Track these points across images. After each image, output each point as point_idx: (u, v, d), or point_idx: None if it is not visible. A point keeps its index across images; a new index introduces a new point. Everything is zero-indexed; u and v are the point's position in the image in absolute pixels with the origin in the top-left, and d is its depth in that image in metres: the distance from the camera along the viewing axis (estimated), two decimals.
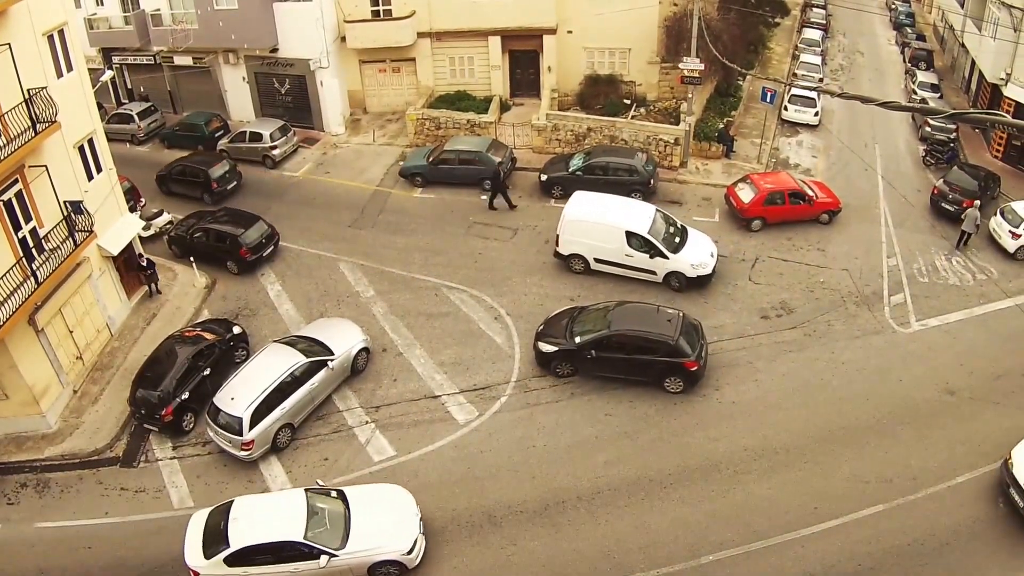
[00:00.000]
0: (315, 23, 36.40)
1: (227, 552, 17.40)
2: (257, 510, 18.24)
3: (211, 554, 17.57)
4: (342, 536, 17.89)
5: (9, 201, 20.80)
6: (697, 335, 22.94)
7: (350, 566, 17.82)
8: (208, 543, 17.79)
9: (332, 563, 17.58)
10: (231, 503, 18.51)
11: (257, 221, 29.18)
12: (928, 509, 19.06)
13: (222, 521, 18.00)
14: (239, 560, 17.46)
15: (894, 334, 24.82)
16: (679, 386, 22.50)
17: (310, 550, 17.46)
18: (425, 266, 28.63)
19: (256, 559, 17.52)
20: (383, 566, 17.92)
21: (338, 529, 17.99)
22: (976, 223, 28.40)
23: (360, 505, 18.64)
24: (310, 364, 22.16)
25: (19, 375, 21.44)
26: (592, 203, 27.68)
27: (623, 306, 23.71)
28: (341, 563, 17.69)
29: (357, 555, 17.76)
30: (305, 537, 17.51)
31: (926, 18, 61.95)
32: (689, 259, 26.45)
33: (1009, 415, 21.37)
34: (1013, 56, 34.45)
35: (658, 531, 18.83)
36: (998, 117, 9.59)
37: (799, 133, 38.54)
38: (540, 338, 23.61)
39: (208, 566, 17.54)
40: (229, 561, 17.43)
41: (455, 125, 36.49)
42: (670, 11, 37.24)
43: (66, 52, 23.25)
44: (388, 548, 17.88)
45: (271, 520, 17.91)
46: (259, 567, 17.56)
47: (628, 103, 38.11)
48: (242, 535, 17.54)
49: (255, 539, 17.51)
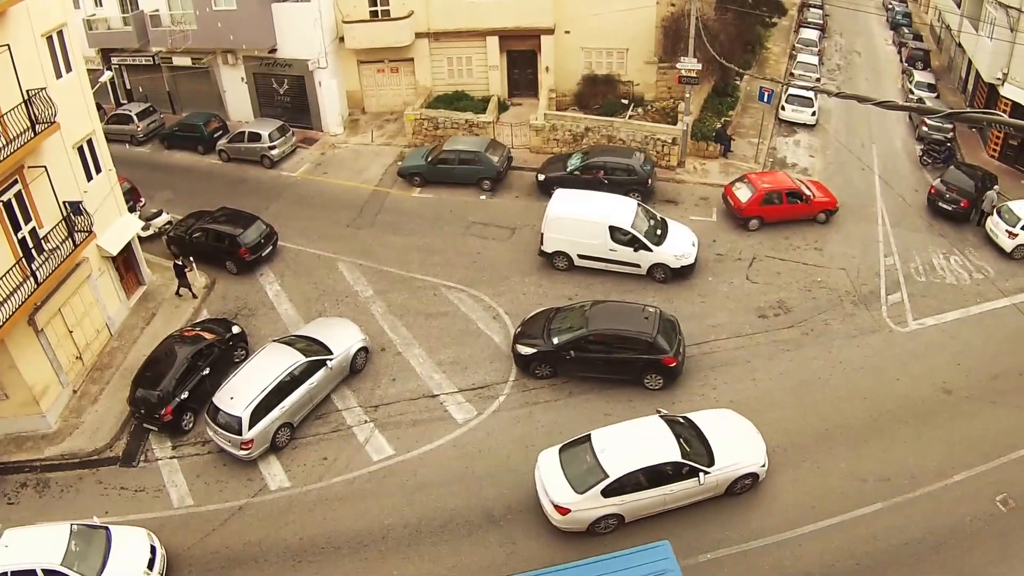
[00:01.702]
0: (313, 23, 36.46)
1: (607, 483, 17.95)
2: (620, 439, 18.85)
3: (585, 488, 17.99)
4: (707, 456, 18.80)
5: (9, 202, 20.85)
6: (674, 331, 23.07)
7: (718, 482, 18.78)
8: (577, 478, 18.21)
9: (706, 480, 18.49)
10: (587, 437, 19.09)
11: (256, 221, 29.24)
12: (926, 507, 19.13)
13: (587, 455, 18.49)
14: (615, 490, 18.00)
15: (891, 333, 24.90)
16: (659, 383, 22.64)
17: (689, 470, 18.30)
18: (423, 265, 28.69)
19: (631, 486, 18.10)
20: (743, 479, 19.06)
21: (703, 449, 18.99)
22: (993, 203, 29.90)
23: (710, 429, 19.71)
24: (309, 363, 22.21)
25: (19, 375, 21.47)
26: (575, 200, 27.89)
27: (599, 305, 23.82)
28: (712, 480, 18.64)
29: (725, 471, 18.80)
30: (684, 457, 18.34)
31: (923, 18, 62.08)
32: (672, 250, 26.83)
33: (1006, 414, 21.45)
34: (1010, 56, 34.56)
35: (657, 529, 18.85)
36: (995, 116, 9.66)
37: (796, 133, 38.66)
38: (518, 341, 23.64)
39: (582, 500, 17.99)
40: (606, 492, 17.96)
41: (453, 125, 36.57)
42: (667, 11, 37.35)
43: (65, 53, 23.27)
44: (747, 462, 19.12)
45: (643, 446, 18.62)
46: (634, 493, 18.15)
47: (626, 103, 38.22)
48: (619, 464, 18.15)
49: (634, 465, 18.13)
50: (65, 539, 17.84)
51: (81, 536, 18.10)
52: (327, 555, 18.76)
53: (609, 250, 26.95)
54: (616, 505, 18.12)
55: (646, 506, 18.42)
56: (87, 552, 17.85)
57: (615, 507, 18.14)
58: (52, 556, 17.43)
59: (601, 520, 18.24)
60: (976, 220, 30.28)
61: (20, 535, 18.07)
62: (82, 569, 17.47)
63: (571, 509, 17.98)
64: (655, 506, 18.53)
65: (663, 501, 18.49)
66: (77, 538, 17.98)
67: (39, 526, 18.68)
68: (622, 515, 18.34)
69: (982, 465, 20.08)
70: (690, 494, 18.63)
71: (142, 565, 17.93)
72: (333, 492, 20.36)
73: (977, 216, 30.24)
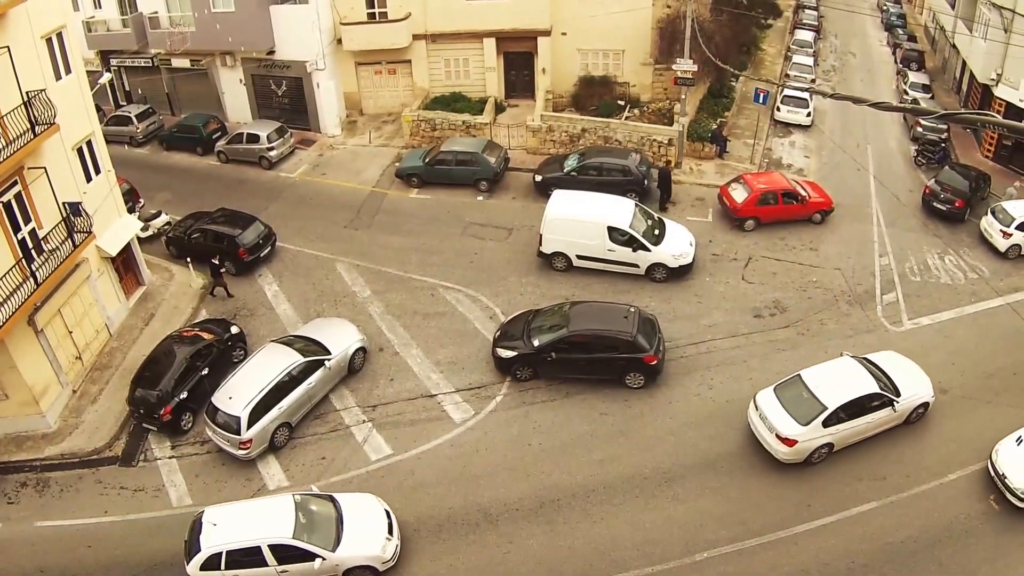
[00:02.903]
0: (311, 25, 36.56)
1: (826, 414, 19.80)
2: (826, 377, 20.68)
3: (807, 420, 19.73)
4: (894, 389, 20.92)
5: (8, 203, 20.93)
6: (654, 330, 23.20)
7: (903, 410, 20.90)
8: (799, 412, 19.95)
9: (897, 409, 20.65)
10: (798, 376, 20.90)
11: (254, 222, 29.33)
12: (921, 506, 19.27)
13: (804, 391, 20.38)
14: (831, 420, 19.83)
15: (886, 333, 25.04)
16: (640, 381, 22.80)
17: (885, 401, 20.39)
18: (421, 266, 28.80)
19: (843, 417, 19.99)
20: (918, 408, 21.17)
21: (890, 383, 21.01)
22: (1011, 197, 30.82)
23: (888, 367, 21.61)
24: (307, 363, 22.31)
25: (19, 375, 21.54)
26: (573, 201, 28.00)
27: (578, 306, 23.95)
28: (901, 408, 20.77)
29: (908, 400, 20.94)
30: (882, 390, 20.37)
31: (917, 19, 62.33)
32: (671, 250, 26.98)
33: (1000, 413, 21.56)
34: (1003, 57, 34.71)
35: (653, 529, 19.01)
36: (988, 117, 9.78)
37: (792, 133, 38.82)
38: (497, 344, 23.68)
39: (806, 431, 19.73)
40: (825, 422, 19.79)
41: (451, 126, 36.69)
42: (663, 13, 37.49)
43: (64, 55, 23.34)
44: (923, 393, 21.32)
45: (845, 382, 20.48)
46: (844, 423, 20.03)
47: (622, 104, 38.37)
48: (834, 396, 20.01)
49: (845, 397, 20.02)
50: (291, 510, 17.93)
51: (306, 506, 18.24)
52: None
53: (607, 250, 27.06)
54: (831, 435, 19.99)
55: (851, 435, 20.38)
56: (317, 523, 17.94)
57: (830, 436, 20.00)
58: (282, 530, 17.47)
59: (817, 450, 20.01)
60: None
61: (226, 511, 18.18)
62: (315, 541, 17.57)
63: (797, 440, 19.71)
64: (858, 434, 20.51)
65: (865, 429, 20.48)
66: (302, 509, 18.10)
67: (247, 501, 18.91)
68: (833, 444, 20.15)
69: (976, 464, 20.23)
70: (884, 421, 20.65)
71: (383, 531, 18.20)
72: (332, 492, 20.43)
73: None
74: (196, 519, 18.29)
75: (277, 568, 17.54)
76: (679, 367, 23.73)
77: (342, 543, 17.89)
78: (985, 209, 29.97)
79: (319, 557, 17.58)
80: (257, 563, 17.44)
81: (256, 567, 17.46)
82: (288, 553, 17.46)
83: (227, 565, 17.36)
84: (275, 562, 17.47)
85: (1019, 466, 18.99)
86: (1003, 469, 19.18)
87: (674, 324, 25.32)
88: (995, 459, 19.55)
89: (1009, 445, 19.67)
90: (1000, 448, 19.72)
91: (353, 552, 17.87)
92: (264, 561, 17.43)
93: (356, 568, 17.93)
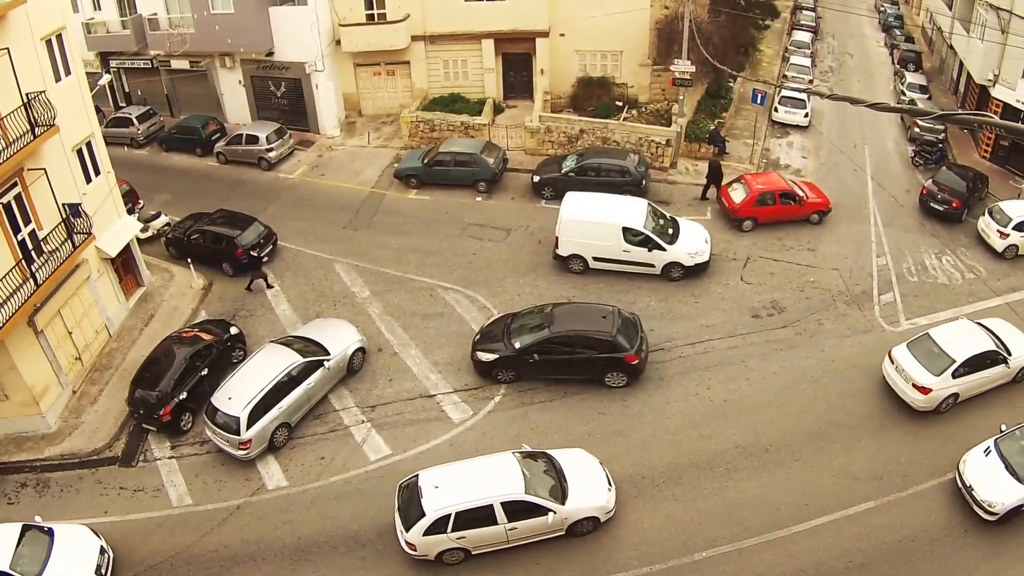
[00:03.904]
0: (310, 27, 36.62)
1: (954, 366, 21.14)
2: (952, 334, 22.12)
3: (940, 371, 21.18)
4: (1006, 350, 22.05)
5: (8, 204, 20.98)
6: (636, 329, 23.27)
7: (1013, 370, 22.19)
8: (932, 365, 21.31)
9: (1012, 365, 22.06)
10: (927, 334, 22.30)
11: (253, 222, 29.38)
12: (918, 506, 19.33)
13: (933, 347, 21.75)
14: (960, 372, 21.32)
15: (884, 332, 25.11)
16: (622, 380, 22.88)
17: (1001, 359, 21.73)
18: (420, 267, 28.86)
19: (968, 369, 21.41)
20: (1020, 371, 22.48)
21: (1003, 345, 22.17)
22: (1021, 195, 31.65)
23: (1004, 333, 22.65)
24: (307, 364, 22.35)
25: (19, 376, 21.58)
26: (586, 202, 28.00)
27: (559, 307, 23.99)
28: (1015, 365, 22.09)
29: (1019, 360, 22.18)
30: (997, 347, 21.80)
31: (914, 20, 62.45)
32: (686, 248, 27.02)
33: (997, 413, 21.61)
34: (1000, 57, 34.82)
35: (651, 528, 19.06)
36: (986, 118, 9.87)
37: (789, 134, 38.91)
38: (477, 348, 23.65)
39: (939, 381, 21.09)
40: (954, 374, 21.27)
41: (449, 127, 36.76)
42: (661, 14, 37.59)
43: (64, 56, 23.39)
44: None
45: (966, 339, 21.89)
46: (969, 376, 21.43)
47: (620, 105, 38.45)
48: (961, 350, 21.39)
49: (971, 351, 21.44)
50: (517, 467, 18.38)
51: (527, 463, 18.75)
52: (324, 554, 18.91)
53: (623, 251, 27.06)
54: (959, 385, 21.39)
55: (974, 386, 21.77)
56: (541, 478, 18.42)
57: (957, 387, 21.40)
58: (512, 486, 17.90)
59: (945, 400, 21.43)
60: None
61: (443, 473, 18.46)
62: (545, 495, 18.00)
63: (932, 389, 21.11)
64: (979, 386, 21.86)
65: (984, 382, 21.87)
66: (525, 465, 18.56)
67: (461, 462, 19.26)
68: (959, 394, 21.59)
69: None
70: (998, 377, 22.00)
71: (603, 482, 18.94)
72: (331, 491, 20.52)
73: None
74: (408, 484, 18.59)
75: (507, 525, 17.73)
76: (677, 367, 23.81)
77: (569, 496, 18.23)
78: (982, 209, 30.07)
79: (551, 511, 17.80)
80: (487, 522, 17.58)
81: (486, 526, 17.58)
82: (519, 508, 17.66)
83: (455, 526, 17.47)
84: (505, 520, 17.63)
85: (986, 478, 18.67)
86: (970, 481, 18.84)
87: (672, 324, 25.40)
88: (963, 470, 19.22)
89: (977, 456, 19.36)
90: (968, 459, 19.41)
91: (581, 504, 18.25)
92: (495, 519, 17.57)
93: (580, 521, 18.27)
